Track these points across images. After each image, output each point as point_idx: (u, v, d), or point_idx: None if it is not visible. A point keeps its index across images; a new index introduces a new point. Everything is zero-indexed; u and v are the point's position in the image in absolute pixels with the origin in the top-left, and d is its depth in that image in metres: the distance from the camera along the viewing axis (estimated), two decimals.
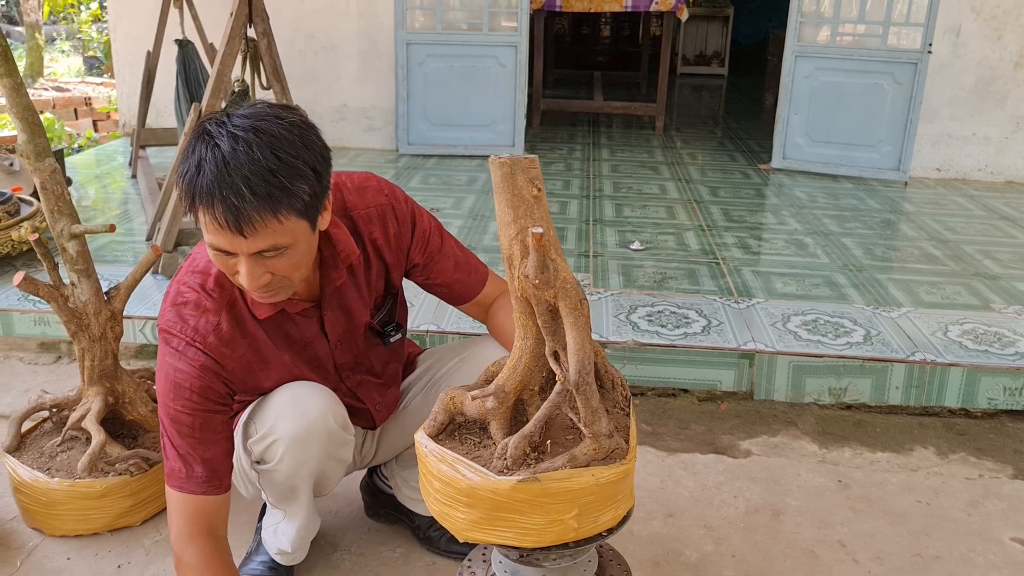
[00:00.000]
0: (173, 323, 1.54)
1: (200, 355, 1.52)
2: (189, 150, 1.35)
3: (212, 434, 1.55)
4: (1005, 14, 5.18)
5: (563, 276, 1.20)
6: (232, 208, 1.30)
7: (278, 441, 1.62)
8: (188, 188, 1.34)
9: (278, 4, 5.39)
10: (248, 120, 1.34)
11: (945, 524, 2.18)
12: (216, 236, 1.35)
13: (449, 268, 1.75)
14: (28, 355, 3.03)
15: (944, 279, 3.53)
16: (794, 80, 5.36)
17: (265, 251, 1.36)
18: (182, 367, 1.52)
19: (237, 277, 1.43)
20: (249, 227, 1.32)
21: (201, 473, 1.54)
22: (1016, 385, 2.72)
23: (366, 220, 1.64)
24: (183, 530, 1.55)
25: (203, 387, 1.52)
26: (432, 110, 5.61)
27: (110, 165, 5.41)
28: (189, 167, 1.34)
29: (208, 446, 1.55)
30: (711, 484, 2.34)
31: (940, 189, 5.22)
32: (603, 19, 11.99)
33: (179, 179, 1.36)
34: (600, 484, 1.18)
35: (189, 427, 1.53)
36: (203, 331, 1.53)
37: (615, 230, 4.11)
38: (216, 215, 1.31)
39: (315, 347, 1.68)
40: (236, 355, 1.57)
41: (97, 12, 12.51)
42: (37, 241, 2.02)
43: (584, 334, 1.19)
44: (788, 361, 2.78)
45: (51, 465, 2.06)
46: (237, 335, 1.56)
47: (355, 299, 1.67)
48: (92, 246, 3.61)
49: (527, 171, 1.20)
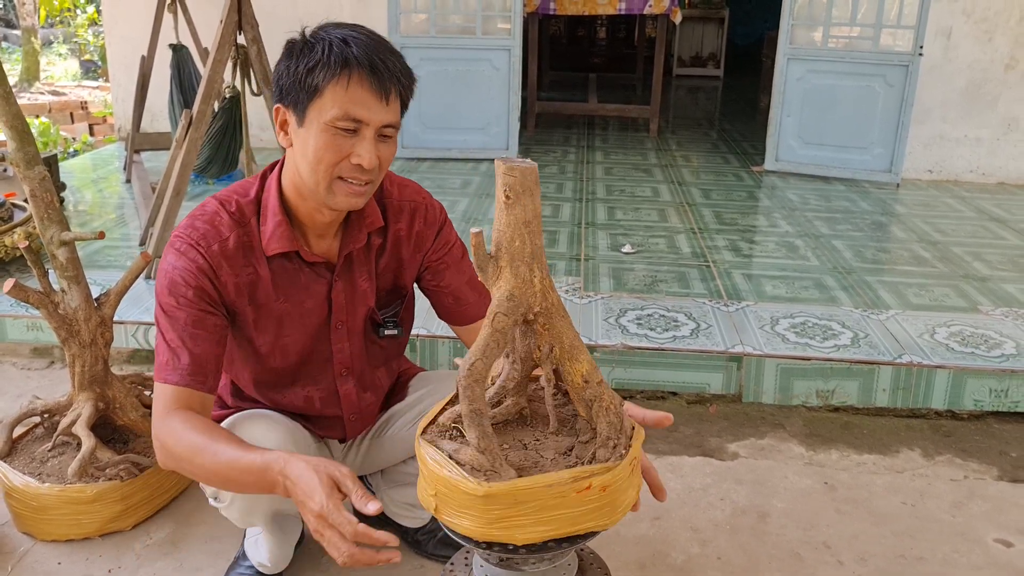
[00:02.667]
0: (183, 228, 1.57)
1: (200, 258, 1.54)
2: (309, 40, 1.45)
3: (203, 331, 1.54)
4: (996, 16, 5.20)
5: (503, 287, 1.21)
6: (388, 73, 1.43)
7: None
8: (340, 55, 1.41)
9: (272, 7, 5.41)
10: (355, 27, 1.48)
11: (929, 525, 2.20)
12: (356, 105, 1.43)
13: (462, 282, 1.77)
14: (21, 360, 3.04)
15: (933, 281, 3.55)
16: (787, 82, 5.38)
17: (389, 125, 1.47)
18: (180, 265, 1.54)
19: (343, 164, 1.47)
20: (393, 92, 1.45)
21: (186, 363, 1.51)
22: (1002, 387, 2.74)
23: (396, 211, 1.69)
24: (159, 413, 1.50)
25: (198, 287, 1.53)
26: (426, 113, 5.63)
27: (106, 169, 5.43)
28: (331, 42, 1.42)
29: (198, 341, 1.53)
30: (698, 486, 2.36)
31: (932, 191, 5.24)
32: (599, 21, 12.02)
33: (319, 54, 1.42)
34: None
35: (182, 322, 1.52)
36: (209, 239, 1.55)
37: (607, 233, 4.13)
38: (371, 80, 1.42)
39: (313, 316, 1.67)
40: (234, 274, 1.57)
41: (93, 16, 12.53)
42: (27, 248, 2.04)
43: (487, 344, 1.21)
44: (776, 364, 2.80)
45: (42, 470, 2.08)
46: (241, 257, 1.58)
47: (364, 279, 1.69)
48: (86, 251, 3.65)
49: (503, 177, 1.21)
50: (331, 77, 1.42)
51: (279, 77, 1.49)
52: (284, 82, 1.48)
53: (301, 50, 1.45)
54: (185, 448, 1.43)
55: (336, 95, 1.42)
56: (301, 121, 1.47)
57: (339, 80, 1.42)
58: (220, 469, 1.41)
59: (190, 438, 1.43)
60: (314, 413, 1.80)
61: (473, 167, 5.49)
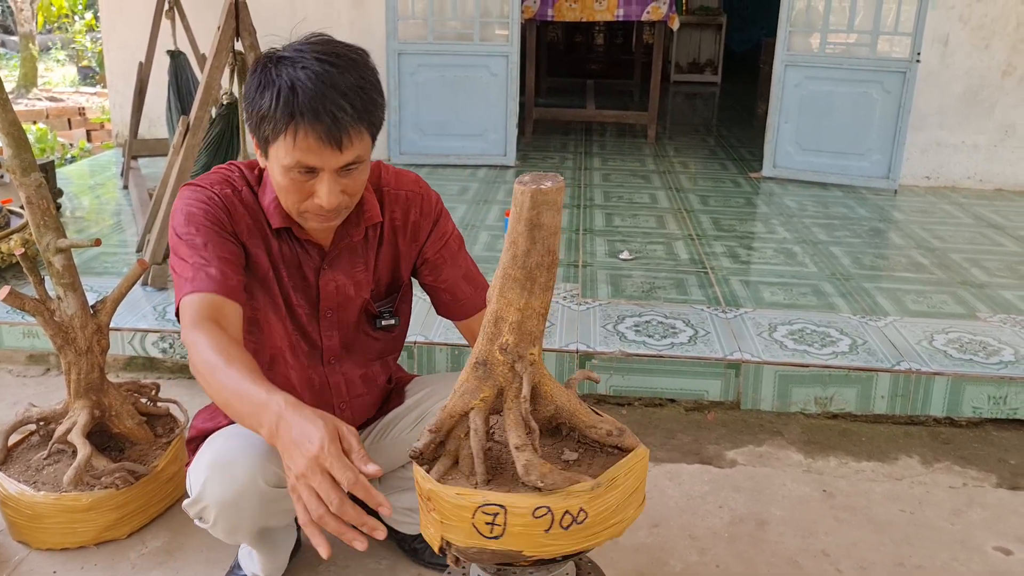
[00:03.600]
0: (195, 180, 1.59)
1: (214, 196, 1.55)
2: (265, 76, 1.41)
3: (226, 253, 1.52)
4: (992, 23, 5.21)
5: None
6: (335, 122, 1.38)
7: (208, 507, 1.58)
8: (285, 107, 1.38)
9: (272, 14, 5.41)
10: (322, 47, 1.43)
11: (928, 533, 2.19)
12: (308, 153, 1.40)
13: (459, 276, 1.76)
14: (17, 367, 3.03)
15: (931, 287, 3.55)
16: (784, 89, 5.39)
17: (350, 164, 1.44)
18: (196, 198, 1.54)
19: (307, 203, 1.47)
20: (347, 140, 1.40)
21: (215, 273, 1.48)
22: (1000, 394, 2.73)
23: (392, 199, 1.69)
24: (186, 323, 1.44)
25: (215, 215, 1.53)
26: (424, 120, 5.63)
27: (103, 175, 5.42)
28: (280, 88, 1.38)
29: (223, 262, 1.50)
30: (696, 494, 2.35)
31: (929, 197, 5.24)
32: (596, 28, 12.04)
33: (267, 103, 1.39)
34: None
35: (203, 243, 1.51)
36: (221, 185, 1.58)
37: (605, 239, 4.13)
38: (318, 130, 1.38)
39: (301, 294, 1.66)
40: (245, 220, 1.58)
41: (91, 22, 12.54)
42: (23, 255, 2.03)
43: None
44: (774, 371, 2.79)
45: (37, 478, 2.07)
46: (250, 211, 1.59)
47: (360, 270, 1.68)
48: (82, 257, 3.64)
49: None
50: (279, 132, 1.40)
51: (244, 107, 1.49)
52: (245, 115, 1.49)
53: (257, 89, 1.43)
54: (204, 363, 1.36)
55: (287, 146, 1.41)
56: (265, 156, 1.48)
57: (287, 134, 1.40)
58: (225, 392, 1.32)
59: (209, 356, 1.36)
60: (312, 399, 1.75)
61: (471, 173, 5.49)
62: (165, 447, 2.19)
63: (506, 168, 5.65)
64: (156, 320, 3.04)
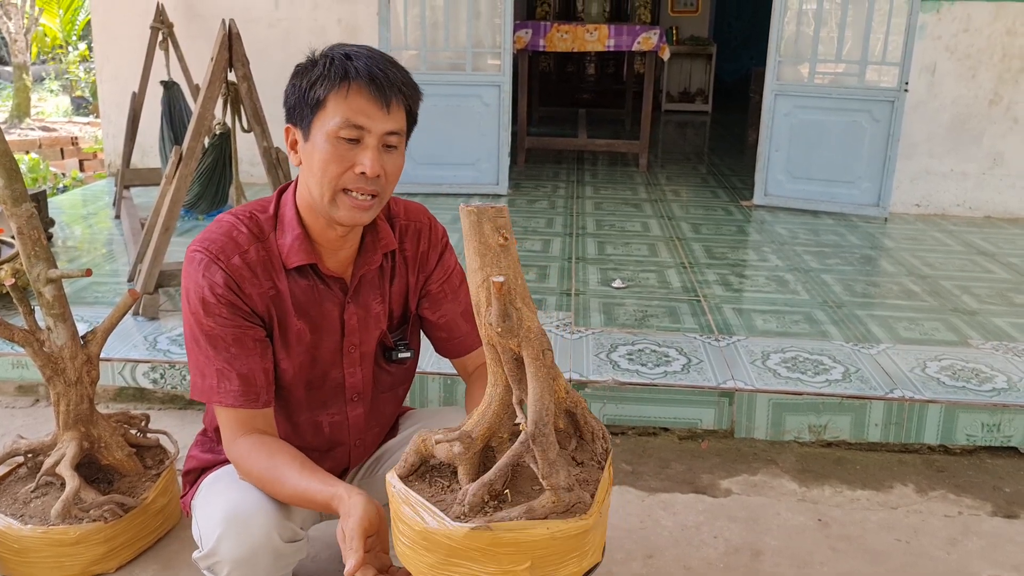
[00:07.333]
0: (200, 242, 1.56)
1: (221, 272, 1.52)
2: (314, 57, 1.51)
3: (245, 349, 1.54)
4: (979, 53, 5.27)
5: (528, 325, 1.20)
6: (387, 82, 1.47)
7: (222, 562, 1.54)
8: (340, 67, 1.46)
9: (265, 45, 5.46)
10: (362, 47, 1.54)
11: (924, 563, 2.18)
12: (357, 113, 1.46)
13: (457, 313, 1.75)
14: (6, 398, 3.01)
15: (923, 315, 3.55)
16: (774, 118, 5.43)
17: (392, 132, 1.49)
18: (205, 283, 1.52)
19: (347, 175, 1.49)
20: (395, 101, 1.48)
21: (237, 387, 1.54)
22: (994, 421, 2.73)
23: (403, 231, 1.70)
24: (227, 438, 1.58)
25: (229, 302, 1.52)
26: (416, 149, 5.64)
27: (96, 205, 5.42)
28: (334, 58, 1.48)
29: (243, 360, 1.54)
30: (691, 524, 2.34)
31: (919, 224, 5.27)
32: (588, 57, 12.14)
33: (320, 69, 1.48)
34: (555, 538, 1.16)
35: (224, 342, 1.53)
36: (228, 251, 1.54)
37: (597, 268, 4.13)
38: (371, 90, 1.46)
39: (327, 339, 1.65)
40: (257, 286, 1.56)
41: (85, 53, 12.60)
42: (13, 286, 2.02)
43: (544, 385, 1.19)
44: (768, 399, 2.79)
45: (24, 511, 2.04)
46: (261, 270, 1.57)
47: (377, 302, 1.68)
48: (73, 287, 3.63)
49: (494, 220, 1.21)
50: (331, 88, 1.46)
51: (286, 98, 1.54)
52: (291, 101, 1.53)
53: (306, 68, 1.51)
54: (253, 476, 1.55)
55: (337, 105, 1.46)
56: (307, 136, 1.50)
57: (339, 91, 1.46)
58: (286, 496, 1.52)
59: (256, 466, 1.53)
60: (322, 441, 1.75)
61: (464, 202, 5.49)
62: (155, 479, 2.16)
63: (498, 197, 5.67)
64: (147, 350, 3.02)
